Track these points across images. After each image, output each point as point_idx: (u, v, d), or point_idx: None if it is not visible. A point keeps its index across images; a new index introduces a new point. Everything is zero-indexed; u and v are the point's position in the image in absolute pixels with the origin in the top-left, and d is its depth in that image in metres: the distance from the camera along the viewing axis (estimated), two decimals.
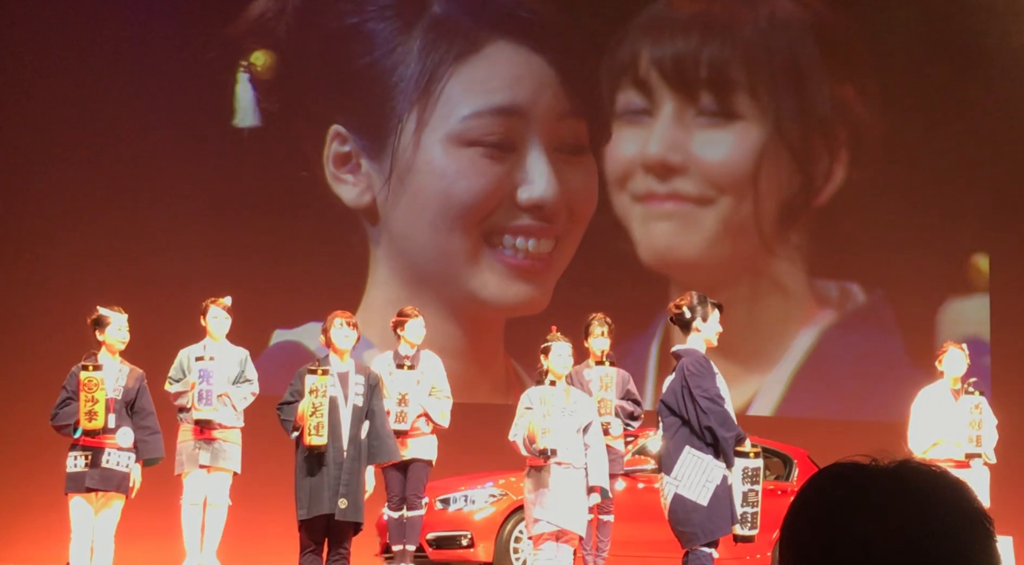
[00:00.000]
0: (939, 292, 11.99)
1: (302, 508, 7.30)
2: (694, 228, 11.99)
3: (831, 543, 1.23)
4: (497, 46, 11.60)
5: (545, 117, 11.73)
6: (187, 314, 8.73)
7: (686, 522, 6.62)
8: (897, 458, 1.27)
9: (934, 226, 12.00)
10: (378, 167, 11.63)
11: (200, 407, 8.04)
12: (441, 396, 8.46)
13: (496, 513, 8.85)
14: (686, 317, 6.76)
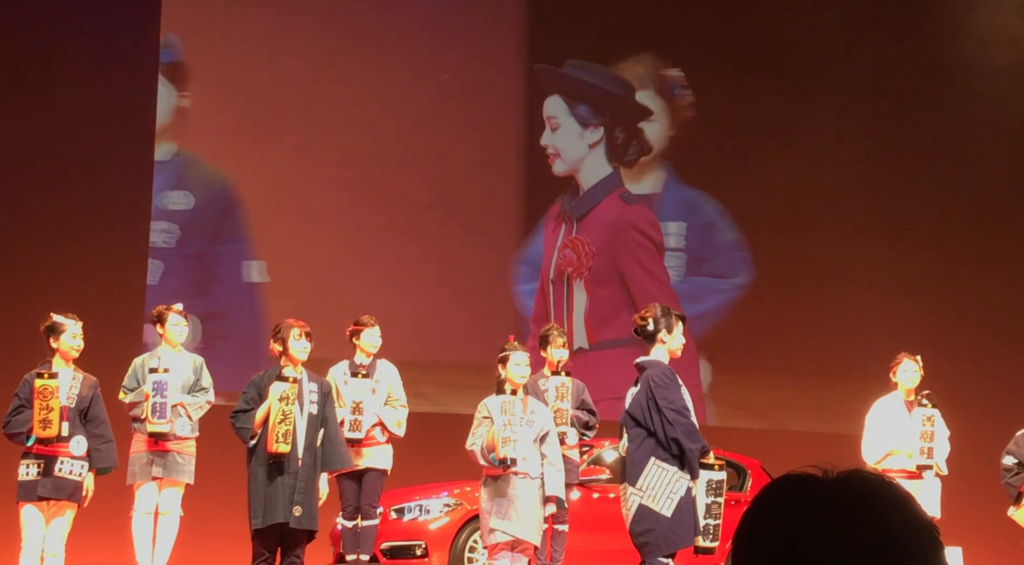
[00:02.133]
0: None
1: (256, 517, 7.26)
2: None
3: (782, 554, 1.24)
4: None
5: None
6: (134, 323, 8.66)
7: (649, 533, 6.64)
8: (846, 469, 1.28)
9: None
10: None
11: (154, 420, 7.98)
12: (397, 405, 8.46)
13: (451, 523, 8.84)
14: (650, 329, 6.80)
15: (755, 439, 10.99)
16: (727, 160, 12.31)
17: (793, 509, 1.25)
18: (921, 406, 8.34)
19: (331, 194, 11.85)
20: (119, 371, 8.29)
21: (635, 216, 12.52)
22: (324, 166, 11.88)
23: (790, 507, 1.26)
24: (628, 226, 12.49)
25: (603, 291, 12.24)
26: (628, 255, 12.39)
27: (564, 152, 12.50)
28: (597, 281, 12.27)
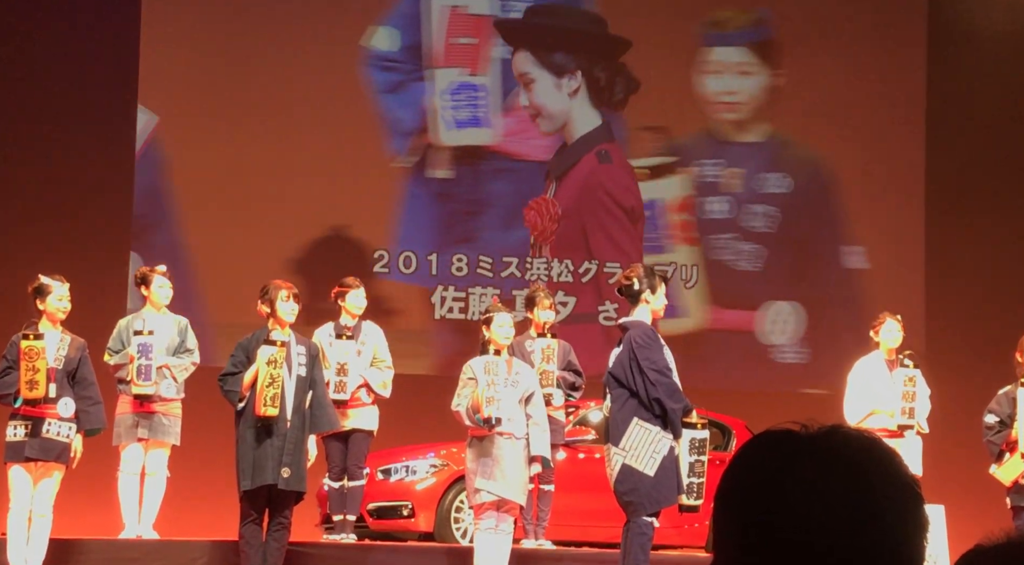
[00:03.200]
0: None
1: (245, 478, 7.29)
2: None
3: (764, 510, 1.24)
4: None
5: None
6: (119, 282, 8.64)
7: (633, 492, 6.69)
8: (827, 425, 1.28)
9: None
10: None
11: (139, 382, 7.99)
12: (383, 367, 8.48)
13: (437, 483, 8.89)
14: (635, 289, 6.82)
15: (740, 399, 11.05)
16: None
17: (773, 464, 1.26)
18: (903, 366, 8.39)
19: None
20: (104, 333, 8.29)
21: (606, 177, 11.80)
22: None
23: (771, 462, 1.26)
24: (597, 187, 11.78)
25: (568, 259, 11.72)
26: (593, 220, 11.75)
27: (545, 108, 11.84)
28: (563, 247, 11.71)
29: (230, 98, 11.49)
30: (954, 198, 12.07)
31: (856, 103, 11.94)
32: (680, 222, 11.91)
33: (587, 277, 11.70)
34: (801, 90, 11.98)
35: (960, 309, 11.68)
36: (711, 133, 12.09)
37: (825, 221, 12.09)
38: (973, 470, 9.02)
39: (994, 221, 11.90)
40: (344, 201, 11.56)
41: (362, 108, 11.67)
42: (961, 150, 12.11)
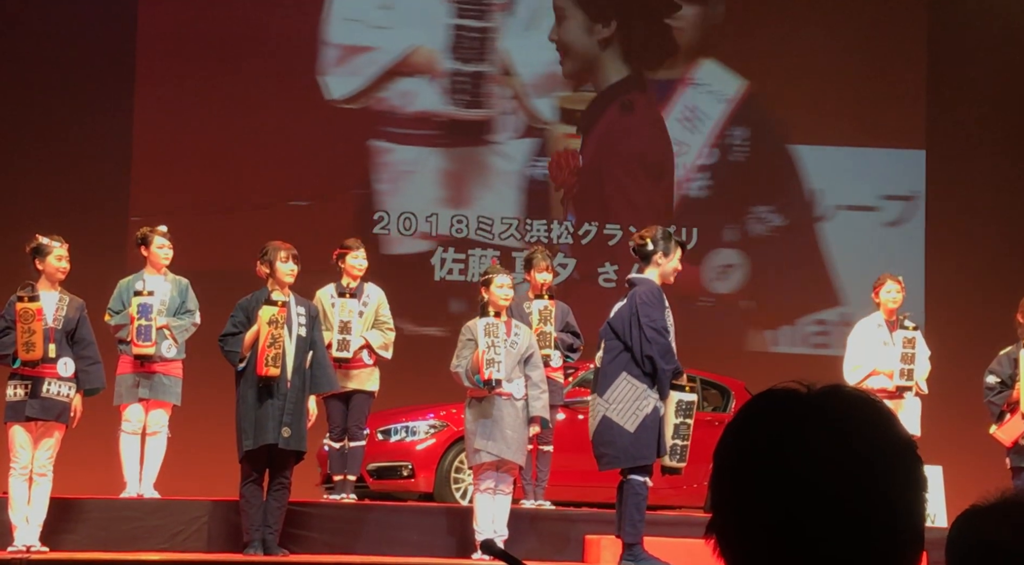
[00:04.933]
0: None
1: (247, 438, 7.32)
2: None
3: (768, 470, 1.25)
4: None
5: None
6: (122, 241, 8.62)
7: (609, 445, 6.71)
8: (827, 385, 1.29)
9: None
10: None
11: (140, 343, 8.00)
12: (384, 328, 8.49)
13: (436, 444, 8.92)
14: (648, 248, 6.81)
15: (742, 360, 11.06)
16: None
17: (776, 423, 1.26)
18: (903, 328, 8.40)
19: None
20: (104, 292, 8.29)
21: (628, 129, 11.36)
22: None
23: (774, 422, 1.26)
24: (617, 140, 11.29)
25: (585, 214, 11.50)
26: (610, 176, 11.33)
27: (570, 49, 11.09)
28: (582, 203, 11.49)
29: (223, 65, 11.31)
30: (955, 160, 12.03)
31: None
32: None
33: (587, 239, 11.59)
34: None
35: (960, 270, 11.67)
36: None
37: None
38: (972, 431, 9.04)
39: (995, 184, 11.87)
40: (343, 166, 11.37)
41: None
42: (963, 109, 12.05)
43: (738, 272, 11.83)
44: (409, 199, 10.90)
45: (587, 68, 11.32)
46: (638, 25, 11.32)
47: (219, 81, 11.29)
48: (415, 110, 10.47)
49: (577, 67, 11.26)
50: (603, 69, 11.33)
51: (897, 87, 12.04)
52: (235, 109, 11.29)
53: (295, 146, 11.01)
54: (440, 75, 10.04)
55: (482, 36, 9.88)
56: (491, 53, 10.08)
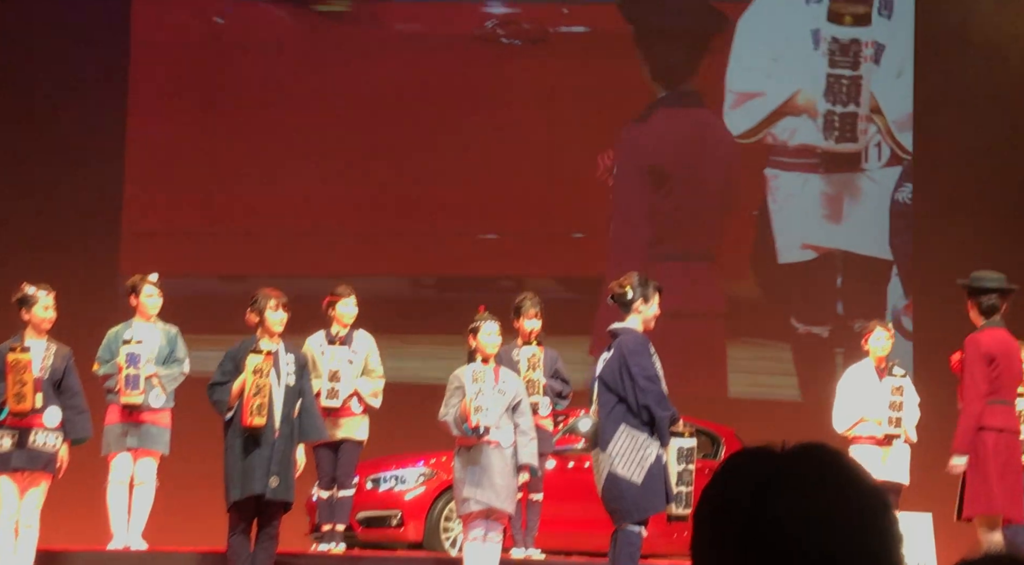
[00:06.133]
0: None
1: (235, 488, 7.28)
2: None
3: (749, 524, 1.30)
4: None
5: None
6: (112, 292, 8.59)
7: (620, 499, 6.69)
8: (799, 443, 1.36)
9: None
10: None
11: (128, 392, 7.98)
12: (374, 376, 8.47)
13: (426, 493, 8.88)
14: (628, 297, 6.83)
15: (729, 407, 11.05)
16: None
17: (755, 482, 1.32)
18: (891, 375, 8.41)
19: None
20: (95, 341, 8.27)
21: (639, 133, 10.20)
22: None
23: (754, 479, 1.32)
24: (629, 145, 10.05)
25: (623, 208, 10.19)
26: (619, 181, 10.29)
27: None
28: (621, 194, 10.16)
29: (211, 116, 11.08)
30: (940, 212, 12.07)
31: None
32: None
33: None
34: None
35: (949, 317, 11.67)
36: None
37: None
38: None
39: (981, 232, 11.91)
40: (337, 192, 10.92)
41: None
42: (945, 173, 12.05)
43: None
44: (793, 217, 10.29)
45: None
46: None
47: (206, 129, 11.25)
48: (796, 143, 10.34)
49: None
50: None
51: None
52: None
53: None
54: (816, 115, 10.16)
55: (853, 84, 10.11)
56: (861, 97, 10.11)
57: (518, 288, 8.03)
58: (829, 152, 8.77)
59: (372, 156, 7.58)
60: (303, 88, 7.69)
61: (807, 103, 8.64)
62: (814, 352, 8.27)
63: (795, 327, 8.64)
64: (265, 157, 8.18)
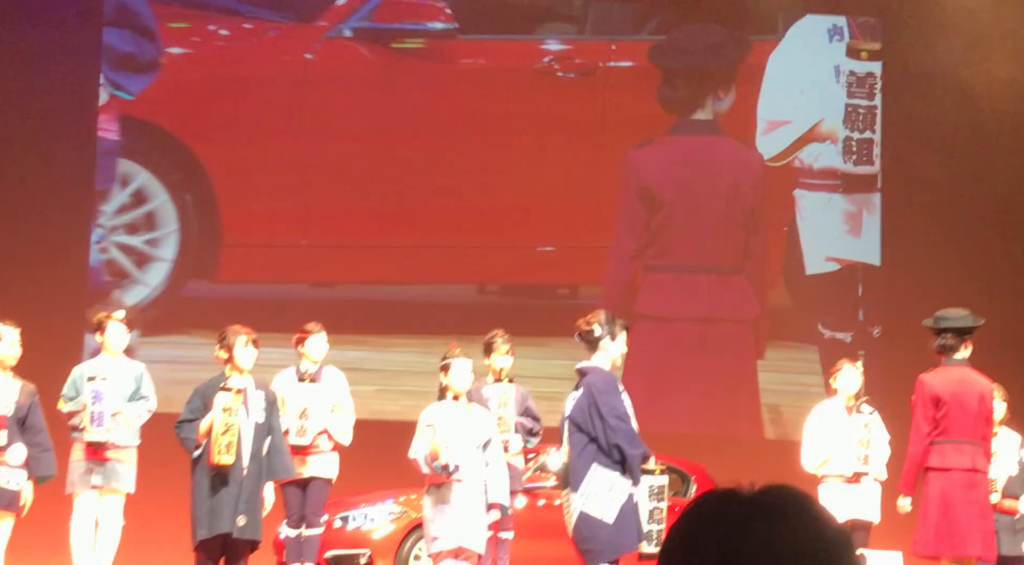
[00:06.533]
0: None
1: (202, 527, 7.20)
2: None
3: (712, 561, 1.33)
4: None
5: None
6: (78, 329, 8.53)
7: (592, 540, 6.65)
8: (764, 485, 1.40)
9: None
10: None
11: (92, 429, 7.91)
12: (343, 413, 8.43)
13: (396, 531, 8.82)
14: (595, 335, 6.81)
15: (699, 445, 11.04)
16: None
17: (723, 523, 1.35)
18: (859, 412, 8.43)
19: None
20: (60, 378, 8.20)
21: (639, 157, 10.38)
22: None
23: (721, 521, 1.36)
24: (627, 167, 10.29)
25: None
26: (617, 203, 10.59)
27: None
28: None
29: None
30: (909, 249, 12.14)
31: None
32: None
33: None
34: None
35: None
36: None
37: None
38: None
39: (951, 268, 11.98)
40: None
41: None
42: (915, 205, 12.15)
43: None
44: (818, 233, 10.78)
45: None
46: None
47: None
48: (820, 167, 10.88)
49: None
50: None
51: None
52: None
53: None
54: (837, 141, 10.85)
55: (868, 113, 10.82)
56: (876, 124, 10.88)
57: (572, 295, 8.87)
58: (849, 174, 9.68)
59: (444, 175, 8.47)
60: (381, 115, 8.56)
61: (829, 130, 9.54)
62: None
63: (821, 332, 9.48)
64: (348, 177, 8.79)
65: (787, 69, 9.78)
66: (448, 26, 8.46)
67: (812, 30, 9.70)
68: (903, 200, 11.36)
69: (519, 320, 8.01)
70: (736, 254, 9.74)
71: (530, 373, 7.93)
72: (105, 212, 8.72)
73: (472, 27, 8.42)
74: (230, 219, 8.25)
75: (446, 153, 8.36)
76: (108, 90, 7.96)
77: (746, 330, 9.28)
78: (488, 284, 8.62)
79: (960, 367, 7.11)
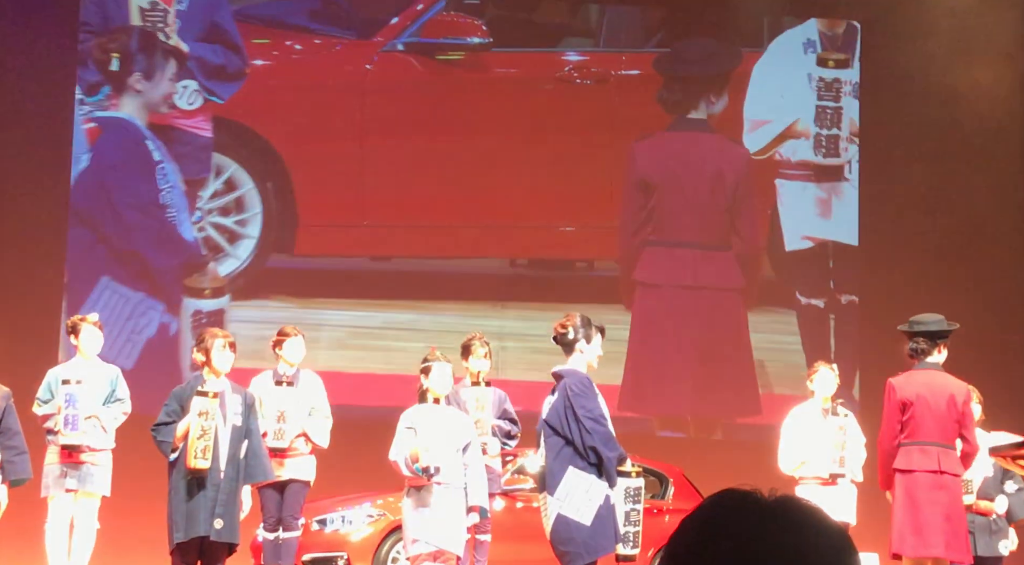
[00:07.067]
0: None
1: (178, 531, 7.17)
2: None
3: (734, 562, 1.37)
4: None
5: None
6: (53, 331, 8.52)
7: (569, 542, 6.65)
8: (776, 493, 1.44)
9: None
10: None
11: (66, 432, 7.87)
12: (320, 416, 8.41)
13: (373, 534, 8.81)
14: (569, 337, 6.82)
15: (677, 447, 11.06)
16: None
17: (744, 527, 1.38)
18: (834, 414, 8.46)
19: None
20: (34, 381, 8.16)
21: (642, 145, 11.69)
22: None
23: (742, 525, 1.39)
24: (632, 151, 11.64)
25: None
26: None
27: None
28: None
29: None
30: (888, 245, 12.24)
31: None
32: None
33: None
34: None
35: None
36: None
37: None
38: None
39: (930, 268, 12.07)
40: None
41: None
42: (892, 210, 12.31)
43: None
44: (795, 215, 11.99)
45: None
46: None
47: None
48: (797, 160, 12.08)
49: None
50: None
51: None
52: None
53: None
54: (809, 137, 12.09)
55: (835, 113, 12.01)
56: (842, 122, 12.07)
57: (589, 268, 10.49)
58: (820, 165, 11.09)
59: (480, 167, 9.90)
60: (427, 116, 10.10)
61: (804, 128, 10.88)
62: (813, 318, 10.75)
63: (799, 299, 10.91)
64: (401, 167, 10.24)
65: (769, 77, 11.14)
66: (484, 40, 10.06)
67: (790, 43, 11.09)
68: (879, 191, 12.08)
69: (543, 289, 9.90)
70: (719, 232, 11.02)
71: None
72: (202, 197, 9.96)
73: (504, 41, 10.08)
74: (304, 203, 9.77)
75: (481, 148, 9.89)
76: (203, 95, 9.59)
77: (732, 297, 10.54)
78: (518, 259, 10.13)
79: (930, 370, 7.15)
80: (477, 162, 10.04)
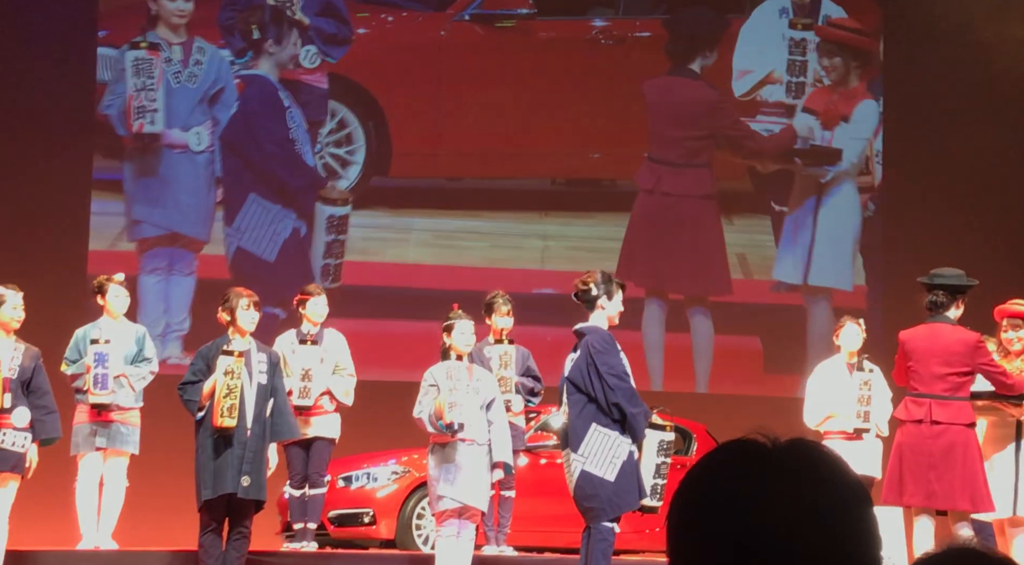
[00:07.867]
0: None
1: (206, 488, 7.24)
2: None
3: (739, 521, 1.31)
4: None
5: None
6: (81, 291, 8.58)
7: (593, 498, 6.69)
8: (788, 438, 1.37)
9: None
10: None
11: (96, 391, 7.94)
12: (345, 374, 8.45)
13: (398, 490, 8.87)
14: (592, 294, 6.82)
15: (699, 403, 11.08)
16: None
17: (748, 477, 1.33)
18: (860, 369, 8.45)
19: None
20: (63, 341, 8.22)
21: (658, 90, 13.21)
22: None
23: (743, 476, 1.33)
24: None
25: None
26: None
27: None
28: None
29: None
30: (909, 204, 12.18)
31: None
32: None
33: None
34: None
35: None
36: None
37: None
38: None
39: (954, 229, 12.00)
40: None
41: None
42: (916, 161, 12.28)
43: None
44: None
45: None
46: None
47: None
48: (773, 101, 13.42)
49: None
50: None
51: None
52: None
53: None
54: (782, 83, 13.49)
55: (802, 65, 13.45)
56: (807, 72, 13.50)
57: (612, 186, 13.00)
58: (789, 105, 13.13)
59: (529, 109, 12.72)
60: (488, 72, 12.76)
61: (778, 76, 12.99)
62: (783, 219, 12.73)
63: (772, 207, 12.77)
64: (468, 110, 12.80)
65: (752, 36, 13.41)
66: (530, 11, 12.87)
67: (768, 10, 13.37)
68: (900, 136, 12.76)
69: (576, 201, 12.55)
70: (691, 153, 13.00)
71: (583, 235, 12.45)
72: (321, 134, 12.46)
73: (545, 11, 12.87)
74: (397, 137, 12.45)
75: (529, 94, 12.70)
76: (321, 56, 12.21)
77: (710, 204, 12.69)
78: (557, 178, 12.89)
79: (938, 324, 7.09)
80: (526, 105, 12.67)
